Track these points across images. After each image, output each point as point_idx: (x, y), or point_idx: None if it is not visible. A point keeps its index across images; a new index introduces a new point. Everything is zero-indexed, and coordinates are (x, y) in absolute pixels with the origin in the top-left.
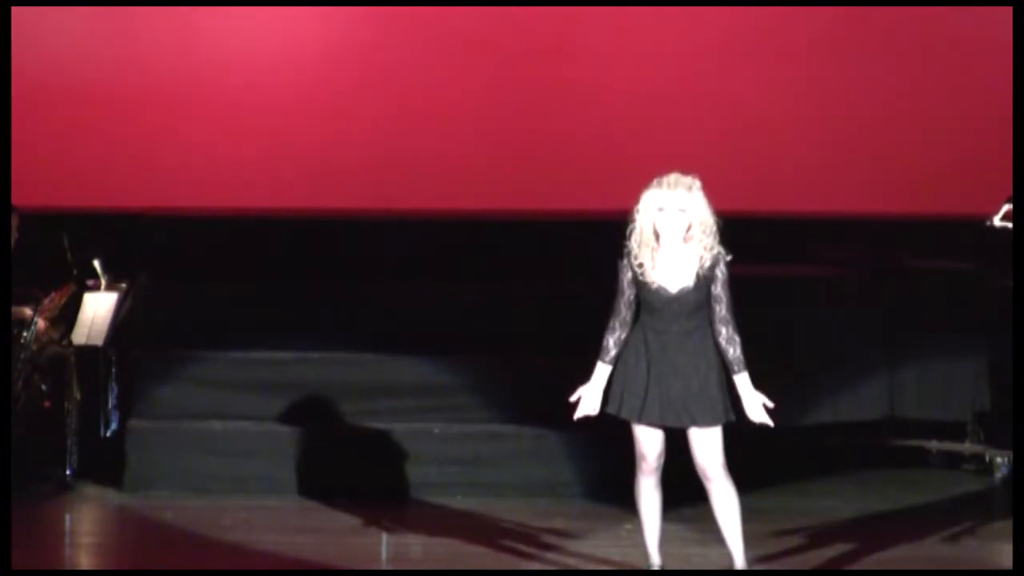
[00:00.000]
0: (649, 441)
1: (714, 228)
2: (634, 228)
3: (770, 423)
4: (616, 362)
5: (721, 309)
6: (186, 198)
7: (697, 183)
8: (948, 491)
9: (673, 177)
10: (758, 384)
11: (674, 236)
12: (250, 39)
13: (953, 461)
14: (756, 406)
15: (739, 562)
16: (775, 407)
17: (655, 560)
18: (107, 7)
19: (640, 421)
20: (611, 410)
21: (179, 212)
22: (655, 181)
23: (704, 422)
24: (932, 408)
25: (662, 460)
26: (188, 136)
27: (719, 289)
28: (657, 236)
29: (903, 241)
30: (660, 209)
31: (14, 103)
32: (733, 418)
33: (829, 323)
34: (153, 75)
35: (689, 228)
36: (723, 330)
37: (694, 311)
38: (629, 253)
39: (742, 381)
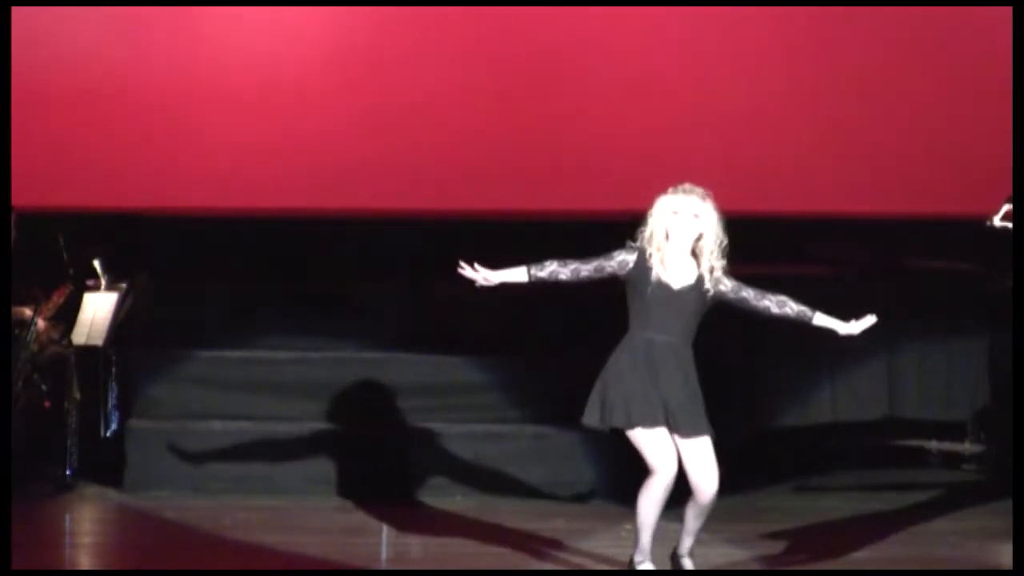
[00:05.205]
0: (664, 449)
1: (724, 243)
2: (644, 231)
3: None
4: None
5: (751, 293)
6: (186, 198)
7: (710, 195)
8: (948, 491)
9: (687, 185)
10: (755, 381)
11: (684, 241)
12: (250, 39)
13: (953, 461)
14: (849, 326)
15: (685, 547)
16: (773, 407)
17: (643, 560)
18: (107, 7)
19: (654, 426)
20: (619, 423)
21: (179, 212)
22: (670, 188)
23: (699, 431)
24: (932, 408)
25: (676, 468)
26: (188, 136)
27: (735, 286)
28: (667, 239)
29: (903, 241)
30: (674, 212)
31: (14, 103)
32: (714, 434)
33: None
34: (152, 75)
35: (700, 238)
36: (770, 302)
37: (689, 317)
38: (643, 251)
39: (821, 317)
